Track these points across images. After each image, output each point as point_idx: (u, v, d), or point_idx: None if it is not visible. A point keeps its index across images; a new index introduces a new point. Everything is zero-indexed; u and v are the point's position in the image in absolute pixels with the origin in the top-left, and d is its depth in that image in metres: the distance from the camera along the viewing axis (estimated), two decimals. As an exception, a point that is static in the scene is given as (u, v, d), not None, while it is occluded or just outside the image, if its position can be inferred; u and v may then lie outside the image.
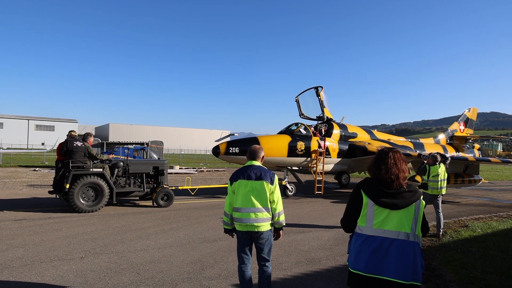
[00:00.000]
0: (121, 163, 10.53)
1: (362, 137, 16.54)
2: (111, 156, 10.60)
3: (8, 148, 44.98)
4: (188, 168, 27.33)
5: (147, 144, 27.03)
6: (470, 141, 22.81)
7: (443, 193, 8.19)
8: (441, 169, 8.18)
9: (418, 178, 12.09)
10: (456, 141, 21.26)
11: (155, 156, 26.78)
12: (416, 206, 2.69)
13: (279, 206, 3.92)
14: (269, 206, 3.89)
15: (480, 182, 15.12)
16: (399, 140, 18.35)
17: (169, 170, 24.58)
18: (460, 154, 19.39)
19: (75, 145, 9.51)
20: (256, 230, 3.86)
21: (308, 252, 6.45)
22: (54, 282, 4.72)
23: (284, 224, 4.02)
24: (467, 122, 22.41)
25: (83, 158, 9.65)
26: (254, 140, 13.49)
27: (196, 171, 26.09)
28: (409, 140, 18.71)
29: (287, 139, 13.73)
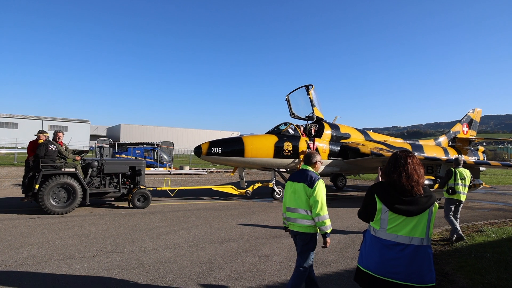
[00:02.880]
0: (96, 163, 10.10)
1: (356, 138, 15.99)
2: (78, 158, 9.94)
3: (22, 148, 45.81)
4: (198, 169, 27.45)
5: (157, 144, 27.37)
6: (479, 144, 22.15)
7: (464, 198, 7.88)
8: (468, 173, 7.89)
9: None
10: (458, 143, 20.38)
11: (166, 157, 27.06)
12: (430, 211, 2.67)
13: (319, 210, 3.84)
14: (307, 209, 3.93)
15: (481, 187, 14.25)
16: (396, 141, 17.74)
17: (180, 171, 24.81)
18: (463, 157, 18.79)
19: (50, 149, 9.17)
20: (296, 230, 4.00)
21: (318, 254, 6.40)
22: (67, 280, 4.78)
23: (328, 231, 3.89)
24: (471, 123, 21.70)
25: (55, 158, 9.36)
26: (238, 140, 12.97)
27: (206, 172, 26.19)
28: (407, 141, 18.10)
29: (273, 139, 13.26)
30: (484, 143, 22.36)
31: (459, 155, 8.31)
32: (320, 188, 3.93)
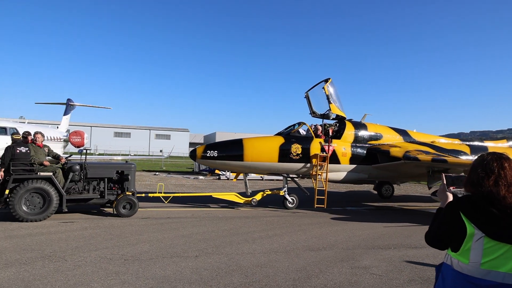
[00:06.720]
0: (77, 167, 9.41)
1: (391, 139, 13.67)
2: (62, 160, 9.59)
3: (134, 155, 51.95)
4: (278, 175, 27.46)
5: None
6: None
7: None
8: None
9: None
10: None
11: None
12: None
13: None
14: None
15: None
16: (447, 143, 14.57)
17: (271, 177, 25.06)
18: None
19: (18, 151, 8.67)
20: None
21: (423, 270, 5.88)
22: (174, 276, 5.22)
23: None
24: None
25: (27, 162, 8.76)
26: (237, 142, 11.79)
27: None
28: (465, 143, 14.94)
29: (278, 141, 11.85)
30: None
31: None
32: None
